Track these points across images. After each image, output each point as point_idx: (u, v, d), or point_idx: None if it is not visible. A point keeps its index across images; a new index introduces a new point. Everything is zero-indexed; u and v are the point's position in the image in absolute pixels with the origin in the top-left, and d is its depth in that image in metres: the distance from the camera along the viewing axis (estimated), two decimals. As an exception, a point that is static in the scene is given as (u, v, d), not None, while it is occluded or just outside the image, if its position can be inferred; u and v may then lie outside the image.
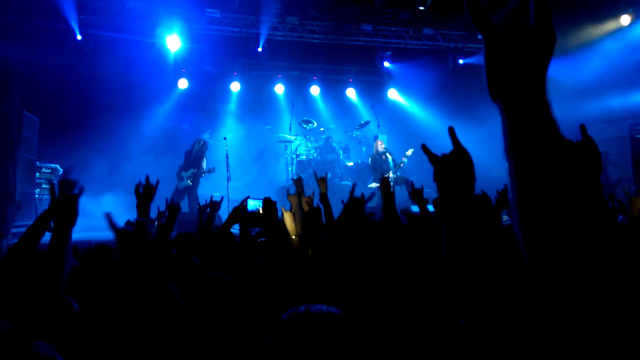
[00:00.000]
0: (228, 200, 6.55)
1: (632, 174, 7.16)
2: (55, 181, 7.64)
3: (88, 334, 1.64)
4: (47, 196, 7.67)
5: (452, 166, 1.14)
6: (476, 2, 0.71)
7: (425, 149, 1.27)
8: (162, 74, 9.84)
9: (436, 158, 1.17)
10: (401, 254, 1.94)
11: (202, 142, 8.72)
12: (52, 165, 8.13)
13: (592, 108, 8.19)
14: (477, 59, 10.70)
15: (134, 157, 9.18)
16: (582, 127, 1.20)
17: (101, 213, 2.76)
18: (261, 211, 3.03)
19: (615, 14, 8.82)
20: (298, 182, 3.54)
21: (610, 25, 8.91)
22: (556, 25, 0.70)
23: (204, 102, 10.62)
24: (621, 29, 8.82)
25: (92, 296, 1.85)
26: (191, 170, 8.54)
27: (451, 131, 1.16)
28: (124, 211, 4.87)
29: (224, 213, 3.81)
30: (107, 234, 2.28)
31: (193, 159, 8.60)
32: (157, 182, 2.58)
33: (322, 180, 3.41)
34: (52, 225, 1.70)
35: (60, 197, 1.70)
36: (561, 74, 8.04)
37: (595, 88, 8.38)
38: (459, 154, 1.14)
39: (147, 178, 2.53)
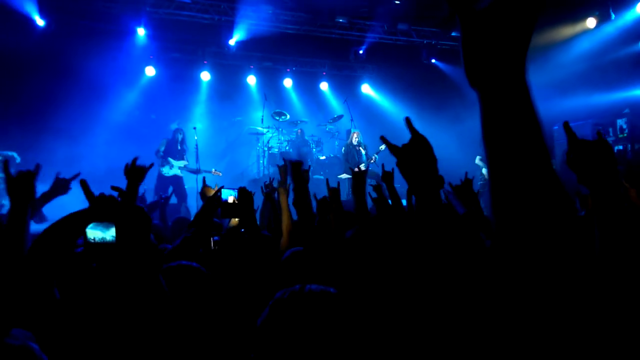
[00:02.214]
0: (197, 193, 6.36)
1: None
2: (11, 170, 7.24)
3: (67, 317, 1.56)
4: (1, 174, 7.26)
5: (414, 153, 1.22)
6: None
7: (384, 140, 1.38)
8: (128, 59, 9.45)
9: (397, 148, 1.26)
10: (374, 243, 1.94)
11: (182, 132, 8.42)
12: (9, 153, 7.70)
13: (555, 108, 8.41)
14: (448, 61, 10.86)
15: (97, 146, 8.81)
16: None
17: (59, 204, 2.61)
18: (230, 200, 2.93)
19: (582, 16, 9.07)
20: (283, 169, 3.44)
21: (576, 28, 9.16)
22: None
23: (173, 91, 10.26)
24: (587, 32, 9.07)
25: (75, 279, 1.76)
26: (182, 162, 8.22)
27: (407, 121, 1.26)
28: (84, 202, 4.62)
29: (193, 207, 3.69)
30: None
31: (180, 150, 8.30)
32: (151, 165, 2.45)
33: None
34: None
35: (16, 175, 1.64)
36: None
37: (558, 88, 8.60)
38: (418, 141, 1.23)
39: (135, 160, 2.40)
